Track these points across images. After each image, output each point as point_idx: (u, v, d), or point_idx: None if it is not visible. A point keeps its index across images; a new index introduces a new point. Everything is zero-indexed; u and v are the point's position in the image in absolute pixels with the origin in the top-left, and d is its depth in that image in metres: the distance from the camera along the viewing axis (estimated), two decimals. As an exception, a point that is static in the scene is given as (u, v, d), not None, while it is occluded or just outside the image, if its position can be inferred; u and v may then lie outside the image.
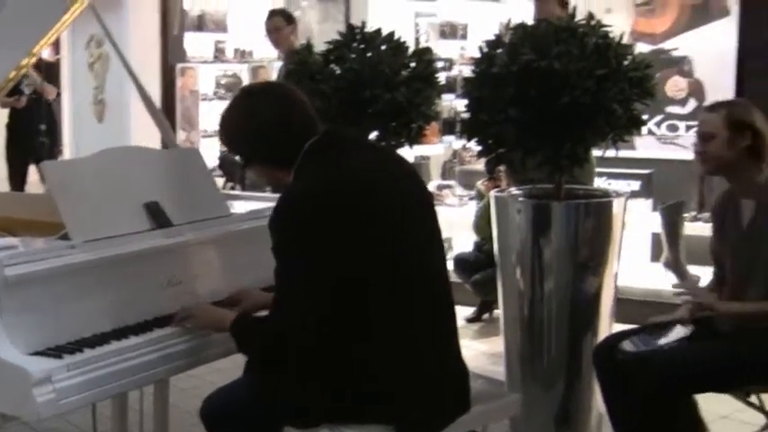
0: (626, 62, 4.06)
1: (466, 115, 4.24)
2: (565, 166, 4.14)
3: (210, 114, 9.78)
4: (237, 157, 3.23)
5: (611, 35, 4.08)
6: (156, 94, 8.90)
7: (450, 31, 10.96)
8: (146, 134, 8.20)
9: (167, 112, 8.90)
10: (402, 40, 4.88)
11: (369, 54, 4.77)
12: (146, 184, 3.34)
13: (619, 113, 4.00)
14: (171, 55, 9.37)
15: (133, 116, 8.99)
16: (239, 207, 3.83)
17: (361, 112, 4.60)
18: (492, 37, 4.24)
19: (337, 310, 2.78)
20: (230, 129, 3.08)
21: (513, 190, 4.41)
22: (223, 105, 9.26)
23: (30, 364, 2.63)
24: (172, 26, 9.27)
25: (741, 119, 3.68)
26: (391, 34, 4.85)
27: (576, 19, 4.14)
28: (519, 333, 4.27)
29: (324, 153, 2.91)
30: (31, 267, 2.80)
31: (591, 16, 4.12)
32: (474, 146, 4.31)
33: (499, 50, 4.13)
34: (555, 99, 3.93)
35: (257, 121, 2.97)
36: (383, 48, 4.81)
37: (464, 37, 11.05)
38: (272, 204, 3.65)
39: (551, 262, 4.14)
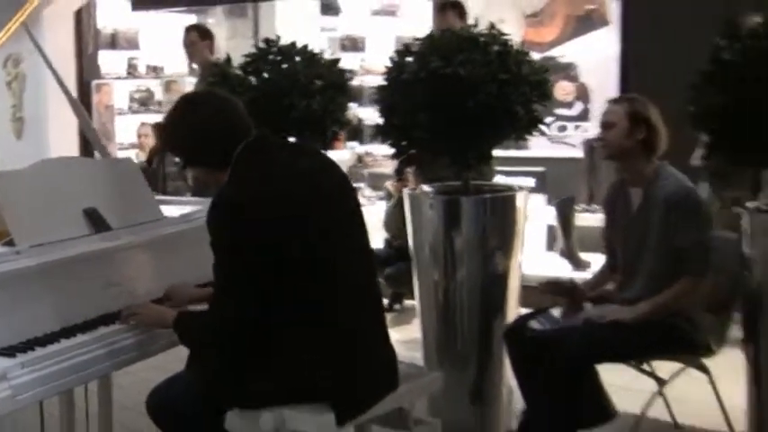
0: (525, 67, 4.17)
1: (380, 120, 4.31)
2: (472, 165, 4.24)
3: (126, 128, 9.72)
4: (177, 159, 3.26)
5: (510, 43, 4.20)
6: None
7: (351, 45, 11.05)
8: (64, 150, 8.14)
9: (86, 127, 8.80)
10: (315, 51, 4.93)
11: (284, 65, 4.81)
12: (84, 191, 3.33)
13: (520, 114, 4.11)
14: (86, 72, 9.28)
15: (51, 132, 8.88)
16: (169, 211, 3.83)
17: (279, 121, 4.63)
18: (401, 47, 4.32)
19: (273, 300, 2.82)
20: (170, 134, 3.11)
21: (425, 187, 4.48)
22: (137, 119, 9.25)
23: (-16, 364, 2.62)
24: (86, 45, 9.17)
25: (640, 112, 3.83)
26: (305, 47, 4.90)
27: (477, 29, 4.25)
28: (434, 319, 4.33)
29: (253, 156, 2.94)
30: (-21, 273, 2.79)
31: (492, 26, 4.22)
32: (384, 149, 4.37)
33: (408, 59, 4.20)
34: (462, 103, 4.02)
35: (194, 127, 3.00)
36: (297, 59, 4.86)
37: (363, 49, 11.16)
38: (198, 208, 3.71)
39: (462, 253, 4.21)
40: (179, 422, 3.00)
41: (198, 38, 6.92)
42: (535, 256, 6.39)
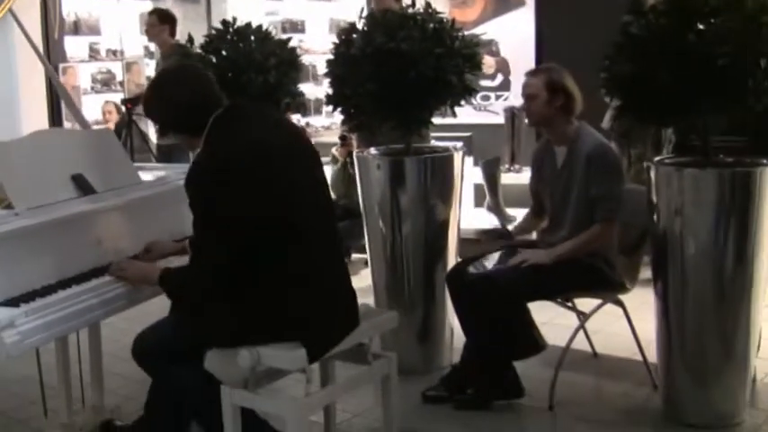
0: (457, 42, 4.23)
1: (330, 90, 4.34)
2: (414, 129, 4.30)
3: (91, 106, 9.60)
4: (155, 128, 3.28)
5: (444, 20, 4.25)
6: (42, 90, 8.68)
7: (291, 27, 11.02)
8: (34, 123, 8.02)
9: (55, 106, 8.69)
10: (269, 31, 4.93)
11: (241, 45, 4.81)
12: (71, 159, 3.35)
13: (455, 84, 4.17)
14: (53, 56, 9.12)
15: (23, 111, 8.73)
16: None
17: (238, 95, 4.62)
18: (346, 25, 4.34)
19: (249, 250, 2.85)
20: (149, 103, 3.11)
21: (372, 150, 4.51)
22: (101, 98, 9.12)
23: (-7, 313, 2.63)
24: (52, 31, 9.03)
25: (557, 81, 3.90)
26: (259, 27, 4.89)
27: (415, 9, 4.30)
28: (384, 268, 4.37)
29: (227, 124, 2.96)
30: (-18, 233, 2.79)
31: (428, 5, 4.27)
32: (323, 121, 4.38)
33: (355, 36, 4.23)
34: (404, 74, 4.06)
35: (170, 97, 3.02)
36: (252, 39, 4.85)
37: (303, 31, 11.14)
38: (165, 173, 3.73)
39: (407, 208, 4.25)
40: (163, 364, 3.03)
41: (157, 21, 6.87)
42: (464, 213, 6.46)
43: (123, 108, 7.36)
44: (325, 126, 10.28)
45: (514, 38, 7.37)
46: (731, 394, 3.66)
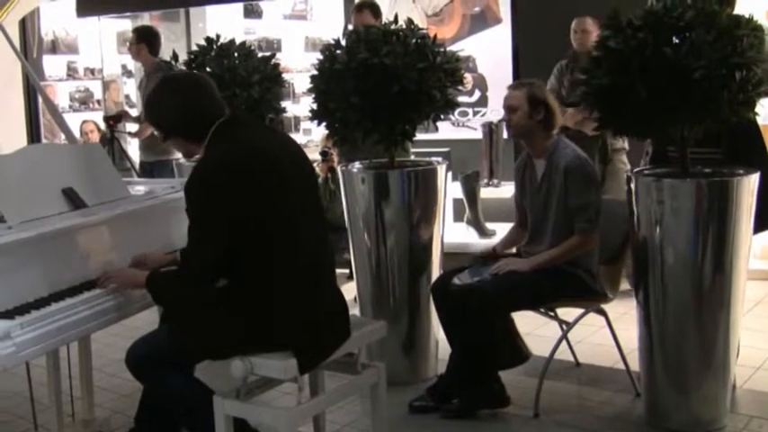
0: (439, 57, 4.28)
1: (314, 105, 4.37)
2: (398, 141, 4.34)
3: (69, 125, 9.58)
4: (157, 133, 3.30)
5: (426, 36, 4.30)
6: (21, 108, 8.64)
7: (267, 46, 11.04)
8: (12, 139, 8.00)
9: (33, 123, 8.65)
10: (252, 47, 4.97)
11: (225, 61, 4.84)
12: (61, 173, 3.37)
13: (438, 98, 4.22)
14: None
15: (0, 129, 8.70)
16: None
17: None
18: (331, 41, 4.38)
19: (241, 256, 2.88)
20: (151, 108, 3.15)
21: (357, 164, 4.55)
22: (79, 116, 9.09)
23: (-11, 325, 2.64)
24: (31, 50, 9.01)
25: (538, 96, 3.96)
26: (243, 43, 4.94)
27: (397, 25, 4.35)
28: (369, 280, 4.40)
29: (229, 131, 3.00)
30: (-24, 247, 2.80)
31: (411, 21, 4.32)
32: (300, 138, 4.39)
33: (338, 51, 4.28)
34: (387, 88, 4.11)
35: (173, 104, 3.05)
36: (236, 55, 4.89)
37: (279, 49, 11.17)
38: (152, 187, 3.74)
39: (391, 221, 4.28)
40: (156, 372, 3.03)
41: (134, 40, 6.87)
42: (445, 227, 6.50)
43: (105, 125, 7.35)
44: (302, 144, 10.30)
45: (491, 54, 7.42)
46: (712, 401, 3.72)
